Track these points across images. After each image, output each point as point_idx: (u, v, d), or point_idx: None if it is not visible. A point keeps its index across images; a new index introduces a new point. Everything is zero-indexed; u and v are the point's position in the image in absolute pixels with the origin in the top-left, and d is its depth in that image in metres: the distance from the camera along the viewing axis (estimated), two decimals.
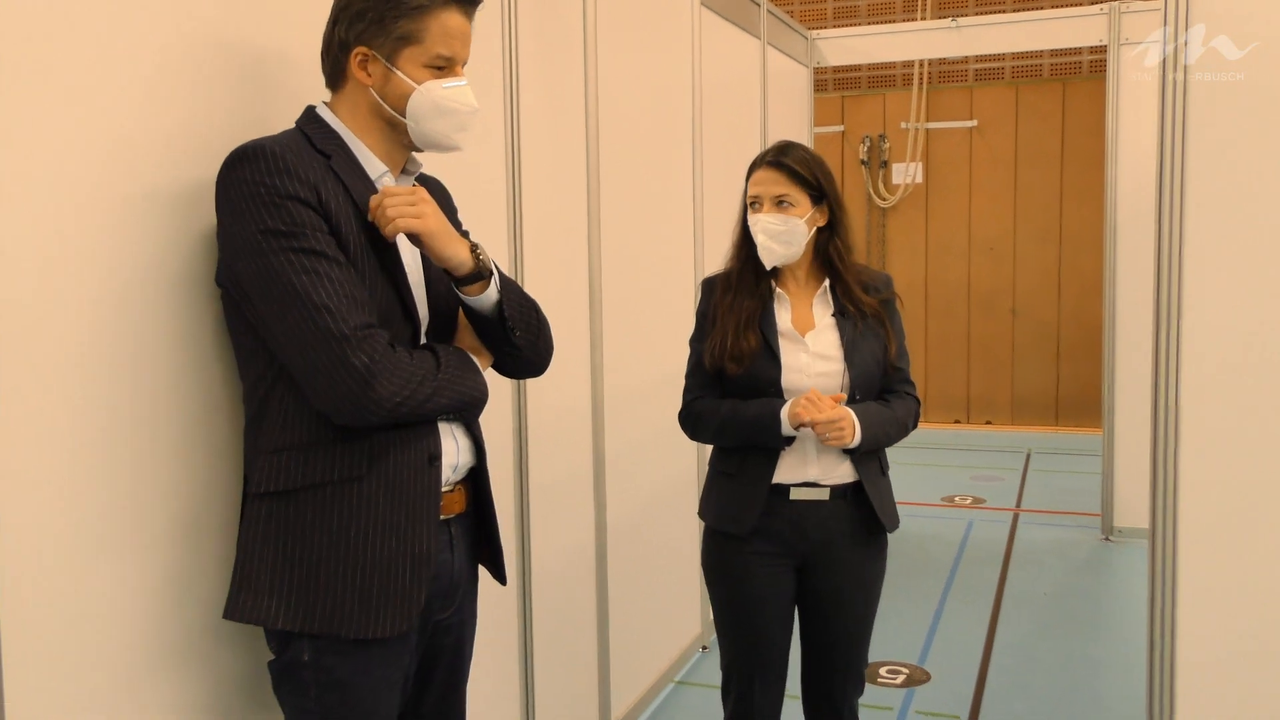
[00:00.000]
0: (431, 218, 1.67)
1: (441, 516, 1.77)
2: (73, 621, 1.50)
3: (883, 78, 9.38)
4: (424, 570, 1.70)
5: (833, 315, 2.47)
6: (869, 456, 2.45)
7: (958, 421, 9.39)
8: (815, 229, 2.46)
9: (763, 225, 2.42)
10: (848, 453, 2.42)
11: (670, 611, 4.01)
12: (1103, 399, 5.86)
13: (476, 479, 1.88)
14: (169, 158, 1.63)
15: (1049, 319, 9.10)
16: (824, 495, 2.43)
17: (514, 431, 2.80)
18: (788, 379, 2.41)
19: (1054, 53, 8.92)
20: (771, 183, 2.43)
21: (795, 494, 2.42)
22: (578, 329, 3.20)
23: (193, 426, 1.69)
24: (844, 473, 2.43)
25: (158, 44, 1.61)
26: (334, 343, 1.53)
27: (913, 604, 4.81)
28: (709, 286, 2.57)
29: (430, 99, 1.70)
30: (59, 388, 1.46)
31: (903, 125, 9.26)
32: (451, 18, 1.71)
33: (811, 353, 2.43)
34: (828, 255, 2.48)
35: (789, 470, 2.43)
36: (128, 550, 1.58)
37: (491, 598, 2.69)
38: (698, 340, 2.54)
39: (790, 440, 2.40)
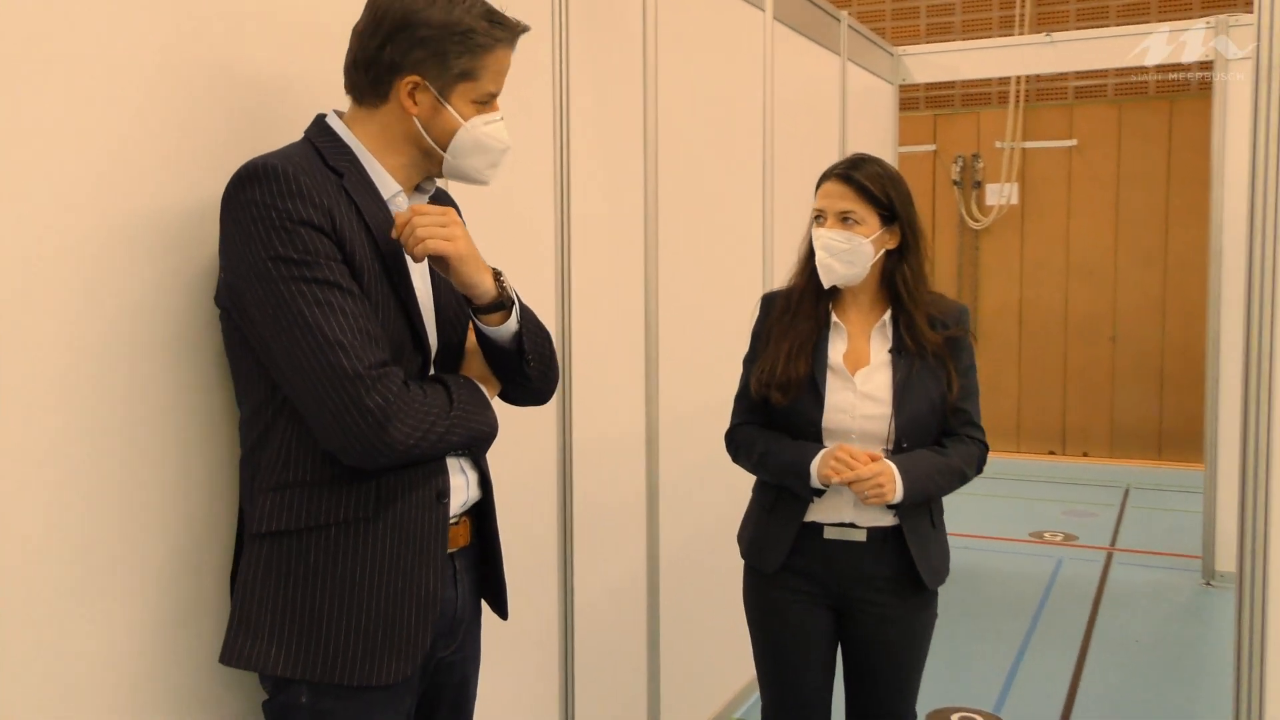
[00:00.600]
0: (462, 241, 1.58)
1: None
2: (62, 663, 1.43)
3: (977, 95, 9.10)
4: (430, 612, 1.63)
5: (889, 351, 2.29)
6: (917, 506, 2.27)
7: (1052, 453, 9.01)
8: (883, 251, 2.29)
9: (824, 240, 2.26)
10: (891, 506, 2.25)
11: (726, 648, 3.84)
12: (1205, 433, 5.53)
13: (481, 512, 1.80)
14: (166, 175, 1.56)
15: (1151, 346, 8.69)
16: (860, 536, 2.27)
17: (558, 458, 2.69)
18: (830, 419, 2.26)
19: (1161, 68, 8.54)
20: (838, 197, 2.27)
21: (829, 532, 2.28)
22: (632, 350, 3.08)
23: (191, 457, 1.61)
24: (884, 516, 2.27)
25: (155, 59, 1.55)
26: (348, 382, 1.45)
27: (991, 647, 4.56)
28: (768, 303, 2.44)
29: (473, 136, 1.64)
30: (44, 415, 1.39)
31: (998, 144, 8.96)
32: (506, 55, 1.66)
33: (859, 393, 2.27)
34: (894, 282, 2.30)
35: (825, 508, 2.29)
36: (120, 589, 1.51)
37: (531, 635, 2.59)
38: (750, 360, 2.42)
39: (819, 493, 2.25)
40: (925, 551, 2.28)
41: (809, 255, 2.35)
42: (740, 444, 2.39)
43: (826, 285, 2.29)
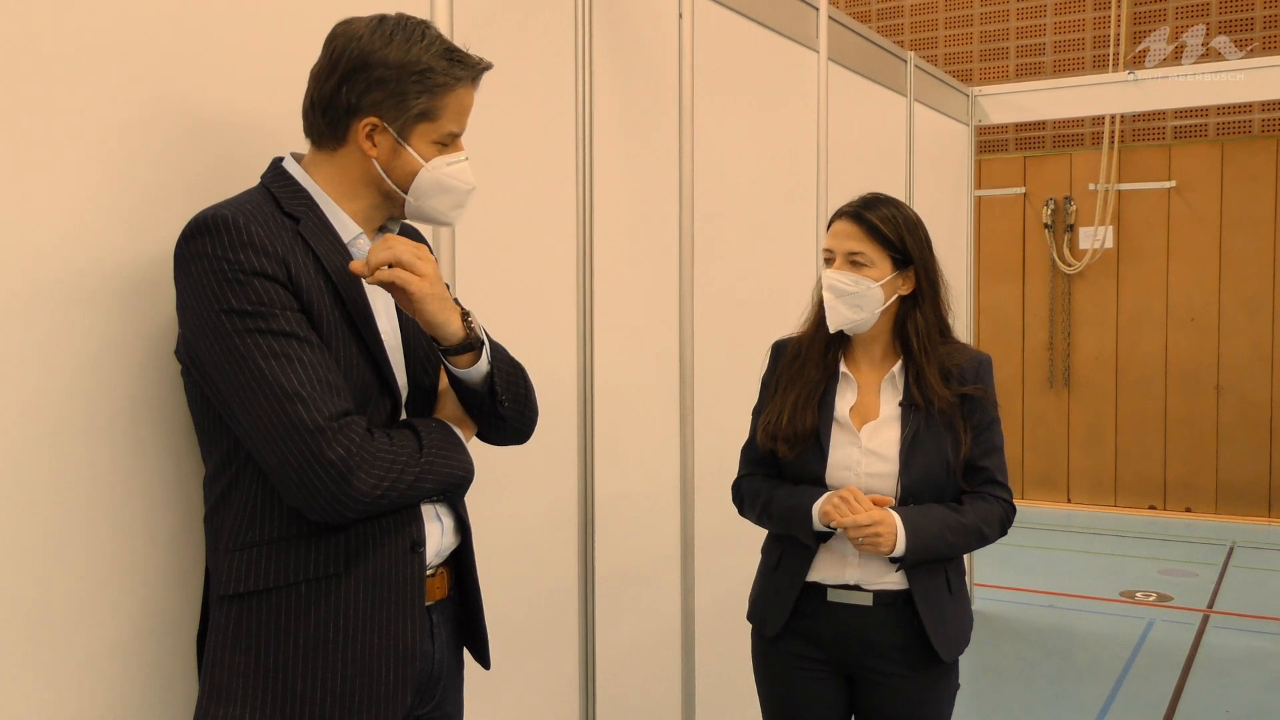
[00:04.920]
0: (427, 280, 1.53)
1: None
2: None
3: (1069, 137, 8.82)
4: (408, 668, 1.56)
5: (899, 405, 2.16)
6: (930, 568, 2.12)
7: (1152, 508, 8.58)
8: (896, 298, 2.17)
9: (830, 281, 2.15)
10: (894, 560, 2.10)
11: None
12: None
13: (459, 560, 1.73)
14: (128, 222, 1.55)
15: (1260, 398, 8.24)
16: (866, 600, 2.13)
17: (579, 508, 2.62)
18: (833, 476, 2.14)
19: (1265, 106, 8.18)
20: (847, 236, 2.16)
21: (833, 595, 2.15)
22: (666, 394, 3.00)
23: (155, 516, 1.58)
24: (891, 580, 2.13)
25: (116, 104, 1.54)
26: (307, 435, 1.40)
27: (1070, 712, 4.30)
28: (778, 351, 2.34)
29: (434, 177, 1.60)
30: (0, 470, 1.38)
31: (1091, 187, 8.66)
32: (468, 94, 1.62)
33: (864, 449, 2.14)
34: (906, 331, 2.18)
35: (827, 568, 2.16)
36: (82, 655, 1.48)
37: (548, 697, 2.50)
38: (757, 412, 2.32)
39: (825, 537, 2.13)
40: (940, 619, 2.11)
41: (820, 300, 2.24)
42: (745, 495, 2.29)
43: (833, 329, 2.18)
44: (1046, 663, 4.93)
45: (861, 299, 2.13)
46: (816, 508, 2.08)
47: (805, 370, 2.21)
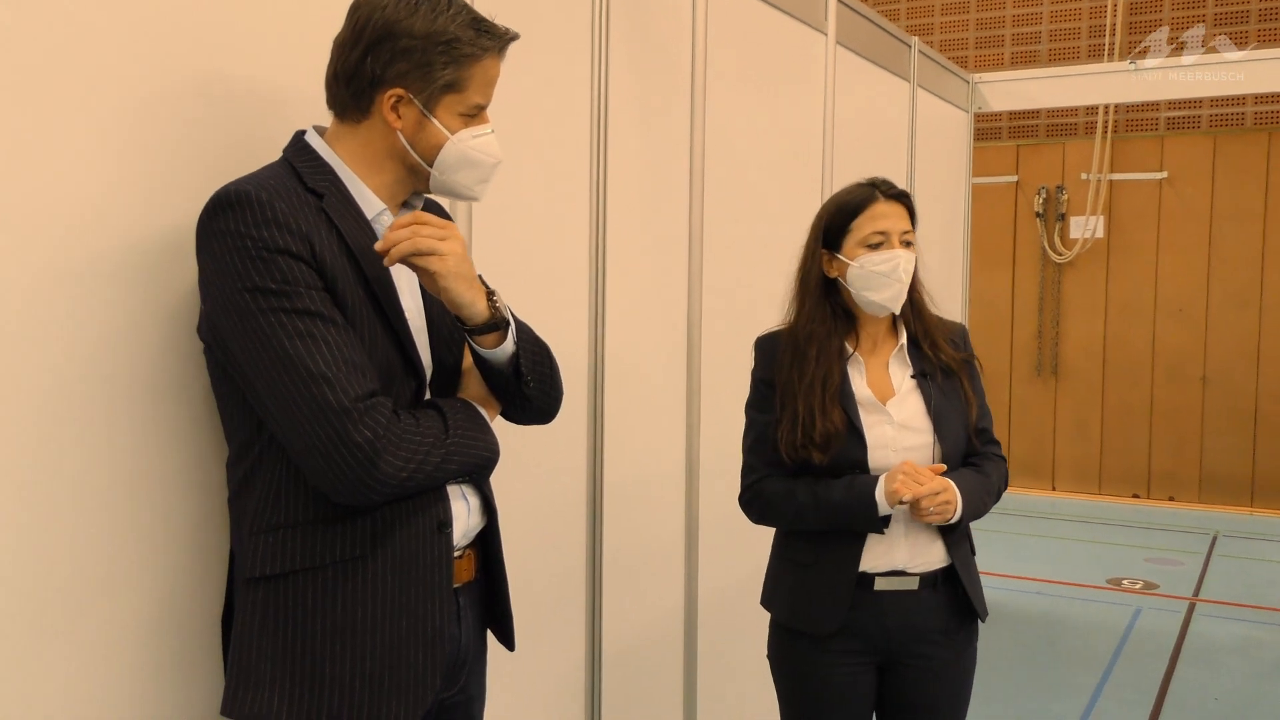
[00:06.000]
0: (453, 257, 1.49)
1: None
2: (50, 715, 1.38)
3: (1062, 126, 8.83)
4: (438, 651, 1.55)
5: (913, 377, 2.18)
6: (960, 536, 2.16)
7: (1136, 496, 8.65)
8: None
9: (906, 264, 2.13)
10: (942, 532, 2.12)
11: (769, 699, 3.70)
12: None
13: (486, 541, 1.71)
14: (151, 204, 1.51)
15: (1245, 389, 8.29)
16: (913, 585, 2.13)
17: (588, 491, 2.60)
18: (875, 458, 2.11)
19: (1259, 99, 8.20)
20: (899, 218, 2.16)
21: (880, 584, 2.13)
22: (673, 385, 2.98)
23: (176, 498, 1.56)
24: (935, 557, 2.15)
25: (136, 75, 1.50)
26: (334, 417, 1.38)
27: (1060, 700, 4.33)
28: (767, 348, 2.24)
29: (460, 150, 1.57)
30: (20, 454, 1.35)
31: (1083, 176, 8.68)
32: (494, 65, 1.59)
33: (897, 424, 2.14)
34: (913, 304, 2.21)
35: (875, 557, 2.13)
36: (105, 641, 1.46)
37: (555, 680, 2.49)
38: (758, 410, 2.23)
39: (887, 521, 2.10)
40: (973, 582, 2.19)
41: (820, 288, 2.18)
42: (771, 498, 2.17)
43: (897, 312, 2.18)
44: (1036, 650, 4.96)
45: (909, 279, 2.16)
46: (880, 491, 2.05)
47: (813, 366, 2.13)
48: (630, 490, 2.76)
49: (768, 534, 2.31)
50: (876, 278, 2.11)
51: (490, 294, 1.57)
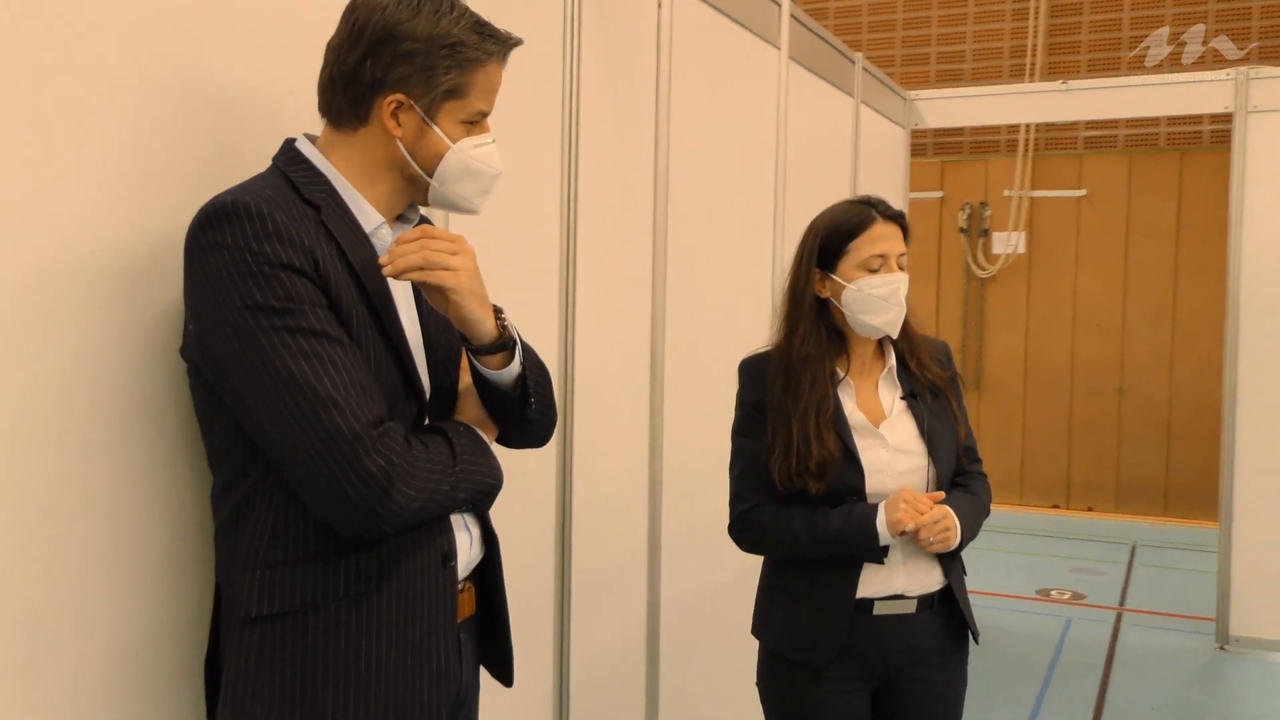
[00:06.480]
0: (464, 273, 1.42)
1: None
2: None
3: (985, 143, 9.01)
4: (443, 689, 1.47)
5: (903, 398, 2.16)
6: (954, 558, 2.15)
7: (1056, 506, 8.84)
8: None
9: (904, 289, 2.10)
10: (939, 556, 2.10)
11: (735, 709, 3.67)
12: (1220, 490, 5.36)
13: (485, 572, 1.63)
14: (133, 213, 1.41)
15: (1159, 401, 8.54)
16: (910, 608, 2.10)
17: (557, 511, 2.53)
18: (872, 483, 2.08)
19: (1172, 120, 8.47)
20: (896, 239, 2.12)
21: (879, 608, 2.09)
22: (636, 396, 2.93)
23: (154, 530, 1.45)
24: (933, 580, 2.13)
25: (119, 74, 1.40)
26: (344, 444, 1.28)
27: (1002, 711, 4.37)
28: (755, 372, 2.18)
29: (461, 160, 1.48)
30: None
31: (1006, 193, 8.86)
32: (497, 71, 1.51)
33: (891, 447, 2.11)
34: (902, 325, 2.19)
35: (874, 582, 2.09)
36: (75, 686, 1.35)
37: (524, 701, 2.41)
38: (746, 436, 2.17)
39: (887, 550, 2.07)
40: (966, 601, 2.17)
41: (813, 310, 2.14)
42: (765, 527, 2.12)
43: (895, 336, 2.14)
44: (975, 660, 5.00)
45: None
46: (881, 520, 2.01)
47: (805, 391, 2.08)
48: (597, 509, 2.69)
49: (732, 549, 2.26)
50: (875, 301, 2.07)
51: (498, 312, 1.50)
